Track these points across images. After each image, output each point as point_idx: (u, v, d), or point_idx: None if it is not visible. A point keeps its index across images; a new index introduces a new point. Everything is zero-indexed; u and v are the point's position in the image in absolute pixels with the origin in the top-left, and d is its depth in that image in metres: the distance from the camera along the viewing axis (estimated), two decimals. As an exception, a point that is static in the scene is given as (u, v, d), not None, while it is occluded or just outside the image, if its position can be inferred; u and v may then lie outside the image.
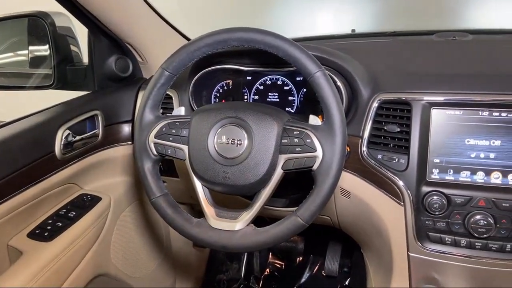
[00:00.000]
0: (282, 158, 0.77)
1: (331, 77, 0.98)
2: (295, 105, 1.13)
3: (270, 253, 1.87)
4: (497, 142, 0.86)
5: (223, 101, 1.19)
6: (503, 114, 0.86)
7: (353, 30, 1.64)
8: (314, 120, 0.80)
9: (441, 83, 0.92)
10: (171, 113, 0.87)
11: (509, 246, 0.85)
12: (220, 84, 1.19)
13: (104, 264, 1.30)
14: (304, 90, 1.12)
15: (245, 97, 1.17)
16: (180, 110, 0.89)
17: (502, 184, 0.86)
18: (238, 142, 0.78)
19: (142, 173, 0.85)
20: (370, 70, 1.01)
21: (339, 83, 0.99)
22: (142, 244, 1.51)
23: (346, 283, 1.68)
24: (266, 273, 1.82)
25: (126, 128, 1.30)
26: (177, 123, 0.84)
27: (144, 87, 0.87)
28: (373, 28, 2.54)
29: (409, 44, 1.24)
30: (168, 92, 1.19)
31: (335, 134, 0.75)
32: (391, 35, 1.41)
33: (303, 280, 1.76)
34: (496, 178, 0.86)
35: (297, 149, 0.76)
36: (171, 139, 0.83)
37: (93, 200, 1.25)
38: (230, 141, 0.79)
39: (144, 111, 0.85)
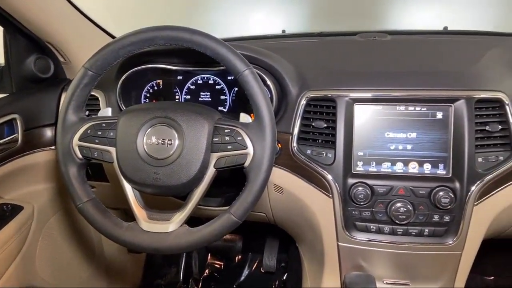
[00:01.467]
0: (214, 157, 0.77)
1: (261, 76, 1.00)
2: (228, 104, 1.14)
3: (209, 254, 1.86)
4: (413, 135, 0.93)
5: (154, 101, 1.16)
6: (418, 108, 0.93)
7: (283, 31, 1.68)
8: (244, 118, 0.81)
9: (362, 80, 0.97)
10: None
11: (427, 230, 0.92)
12: (150, 84, 1.16)
13: (29, 278, 1.21)
14: (236, 89, 1.13)
15: (177, 97, 1.16)
16: (106, 111, 0.86)
17: (418, 173, 0.93)
18: (169, 142, 0.77)
19: (66, 178, 0.81)
20: (298, 69, 1.04)
21: (269, 82, 1.01)
22: (72, 254, 1.43)
23: (284, 277, 1.71)
24: (205, 274, 1.81)
25: (49, 132, 1.23)
26: (103, 125, 0.81)
27: (67, 88, 0.83)
28: (303, 29, 2.62)
29: (334, 44, 1.30)
30: (94, 93, 1.15)
31: (265, 130, 0.76)
32: (318, 35, 1.46)
33: (242, 278, 1.77)
34: (413, 168, 0.93)
35: (228, 147, 0.77)
36: (97, 141, 0.80)
37: (14, 209, 1.17)
38: (160, 141, 0.78)
39: (67, 113, 0.81)
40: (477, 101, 0.90)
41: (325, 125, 0.96)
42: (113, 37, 1.33)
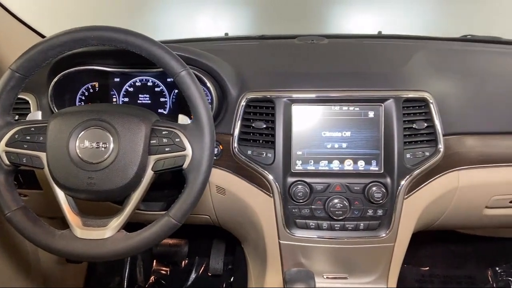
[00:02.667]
0: (152, 159, 0.76)
1: (200, 78, 1.01)
2: (168, 106, 1.12)
3: (154, 260, 1.81)
4: (348, 133, 0.97)
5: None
6: (351, 108, 0.97)
7: (226, 34, 1.69)
8: (183, 119, 0.81)
9: (300, 81, 1.00)
10: None
11: (362, 224, 0.97)
12: (85, 86, 1.12)
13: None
14: (176, 91, 1.11)
15: (114, 99, 1.12)
16: (35, 115, 0.82)
17: (353, 170, 0.97)
18: (103, 145, 0.75)
19: None
20: (238, 71, 1.06)
21: (208, 84, 1.01)
22: (3, 267, 1.34)
23: (231, 279, 1.72)
24: (150, 281, 1.77)
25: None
26: (32, 129, 0.77)
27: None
28: (247, 32, 2.65)
29: (274, 47, 1.32)
30: (23, 96, 1.08)
31: (203, 131, 0.77)
32: (260, 38, 1.49)
33: (189, 283, 1.75)
34: (348, 165, 0.97)
35: (166, 149, 0.76)
36: (25, 146, 0.76)
37: None
38: (94, 145, 0.75)
39: None
40: (404, 101, 0.95)
41: (265, 126, 0.97)
42: (42, 37, 1.27)
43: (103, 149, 0.75)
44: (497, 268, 1.74)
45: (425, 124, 0.96)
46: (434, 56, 1.16)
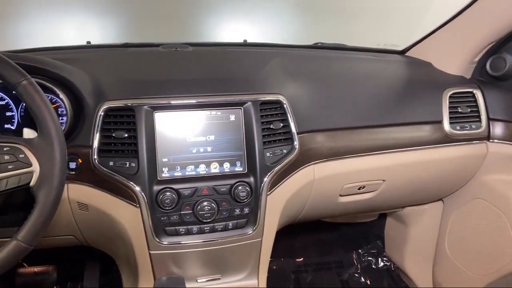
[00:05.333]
0: None
1: (51, 88, 0.94)
2: (16, 120, 1.01)
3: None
4: (212, 137, 1.00)
5: None
6: (213, 113, 1.00)
7: (88, 42, 1.61)
8: (29, 133, 0.75)
9: (161, 88, 1.00)
10: None
11: (231, 224, 1.00)
12: None
13: None
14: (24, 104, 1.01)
15: None
16: None
17: (219, 172, 1.00)
18: None
19: None
20: (96, 80, 1.01)
21: (61, 95, 0.95)
22: None
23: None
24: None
25: None
26: None
27: None
28: (112, 40, 2.56)
29: (137, 55, 1.30)
30: None
31: (52, 144, 0.71)
32: (123, 46, 1.44)
33: (61, 312, 1.60)
34: (215, 168, 1.00)
35: (9, 167, 0.70)
36: None
37: None
38: None
39: None
40: (261, 103, 1.01)
41: (126, 135, 0.94)
42: None
43: None
44: (360, 251, 1.96)
45: (281, 124, 1.03)
46: (288, 62, 1.26)
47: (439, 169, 1.29)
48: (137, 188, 0.93)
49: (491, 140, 1.28)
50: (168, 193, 0.95)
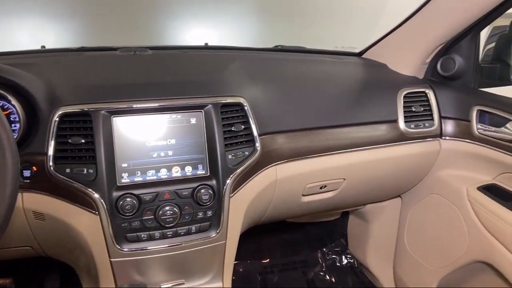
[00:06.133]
0: None
1: (2, 95, 0.90)
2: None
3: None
4: (173, 141, 0.99)
5: None
6: (174, 116, 0.99)
7: (43, 46, 1.56)
8: None
9: (119, 93, 0.98)
10: None
11: (194, 228, 0.99)
12: None
13: None
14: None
15: None
16: None
17: (181, 176, 0.99)
18: None
19: None
20: (51, 85, 0.98)
21: (13, 101, 0.92)
22: None
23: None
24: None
25: None
26: None
27: None
28: (68, 45, 2.49)
29: (93, 59, 1.27)
30: None
31: (3, 153, 0.68)
32: (79, 50, 1.41)
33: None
34: (176, 172, 0.99)
35: None
36: None
37: None
38: None
39: None
40: (222, 106, 1.02)
41: (83, 141, 0.92)
42: None
43: None
44: (324, 249, 1.99)
45: (243, 127, 1.03)
46: (248, 64, 1.27)
47: (396, 166, 1.34)
48: (96, 195, 0.91)
49: (443, 137, 1.34)
50: (128, 199, 0.93)
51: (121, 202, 0.92)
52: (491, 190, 1.22)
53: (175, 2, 2.65)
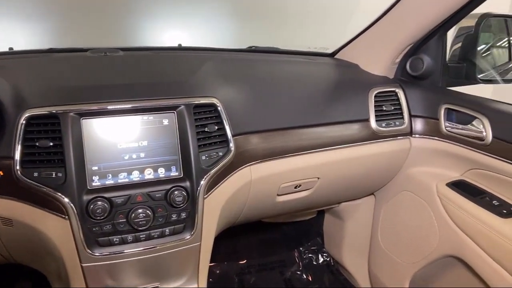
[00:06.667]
0: None
1: None
2: None
3: None
4: (145, 143, 0.97)
5: None
6: (145, 117, 0.98)
7: (10, 48, 1.52)
8: None
9: (88, 94, 0.96)
10: None
11: (168, 230, 0.98)
12: None
13: None
14: None
15: None
16: None
17: (154, 178, 0.98)
18: None
19: None
20: (17, 88, 0.95)
21: None
22: None
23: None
24: None
25: None
26: None
27: None
28: (42, 46, 2.44)
29: (63, 61, 1.24)
30: None
31: None
32: (47, 52, 1.38)
33: None
34: (149, 174, 0.97)
35: None
36: None
37: None
38: None
39: None
40: (195, 107, 1.01)
41: (52, 144, 0.90)
42: None
43: None
44: (301, 248, 2.01)
45: (216, 127, 1.03)
46: (222, 65, 1.27)
47: (368, 164, 1.37)
48: (66, 199, 0.89)
49: (413, 135, 1.38)
50: (99, 202, 0.91)
51: (91, 206, 0.90)
52: (459, 186, 1.26)
53: (148, 3, 2.62)
